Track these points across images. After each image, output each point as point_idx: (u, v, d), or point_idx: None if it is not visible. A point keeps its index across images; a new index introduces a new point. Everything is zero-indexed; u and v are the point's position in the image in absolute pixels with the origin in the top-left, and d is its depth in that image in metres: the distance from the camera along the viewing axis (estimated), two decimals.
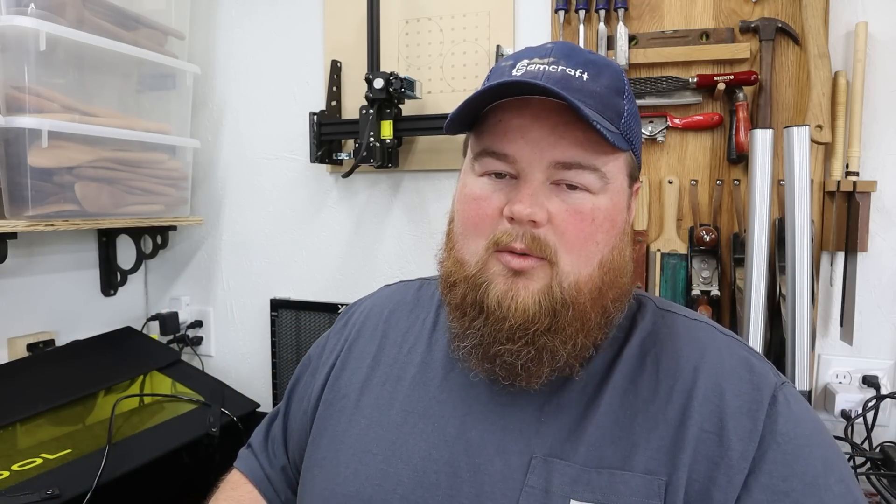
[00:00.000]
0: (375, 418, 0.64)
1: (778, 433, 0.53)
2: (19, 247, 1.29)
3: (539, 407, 0.59)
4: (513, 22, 1.28)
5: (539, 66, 0.57)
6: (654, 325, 0.62)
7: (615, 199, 0.58)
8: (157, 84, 1.39)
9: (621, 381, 0.58)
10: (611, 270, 0.58)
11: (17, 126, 1.07)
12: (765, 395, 0.55)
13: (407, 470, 0.59)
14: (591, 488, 0.53)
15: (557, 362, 0.56)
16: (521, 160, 0.56)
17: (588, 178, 0.56)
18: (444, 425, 0.61)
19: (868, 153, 1.10)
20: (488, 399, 0.60)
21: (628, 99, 0.59)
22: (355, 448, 0.63)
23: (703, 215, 1.18)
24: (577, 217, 0.56)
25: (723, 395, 0.55)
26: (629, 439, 0.55)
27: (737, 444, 0.53)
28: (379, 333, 0.72)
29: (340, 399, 0.68)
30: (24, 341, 1.30)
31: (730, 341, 0.60)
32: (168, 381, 1.33)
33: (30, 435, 1.07)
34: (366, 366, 0.69)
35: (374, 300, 0.78)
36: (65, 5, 1.14)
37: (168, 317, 1.55)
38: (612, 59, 0.63)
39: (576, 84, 0.56)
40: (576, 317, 0.56)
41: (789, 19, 1.11)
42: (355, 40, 1.38)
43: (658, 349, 0.60)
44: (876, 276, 1.11)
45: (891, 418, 1.11)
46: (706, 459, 0.53)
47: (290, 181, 1.50)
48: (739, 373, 0.57)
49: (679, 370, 0.57)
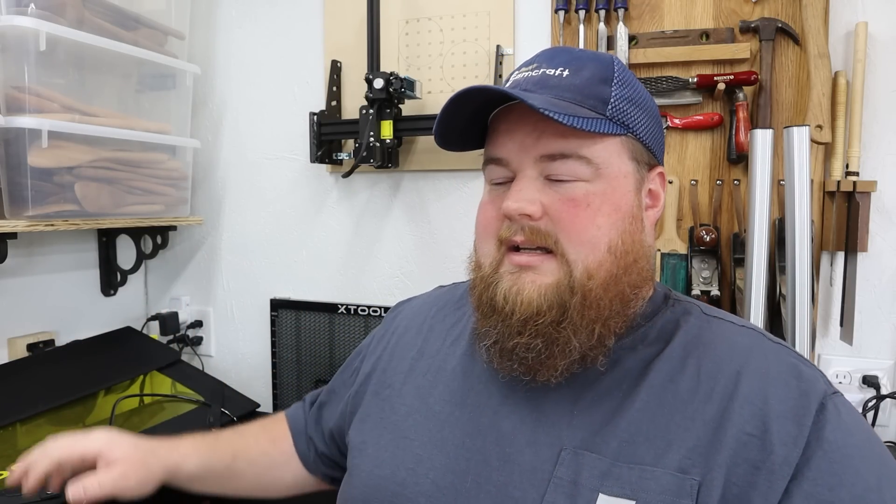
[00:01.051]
0: (415, 406, 0.67)
1: (825, 440, 0.51)
2: (19, 247, 1.29)
3: (573, 400, 0.59)
4: (513, 22, 1.28)
5: (524, 74, 0.61)
6: (699, 329, 0.61)
7: (614, 183, 0.58)
8: (157, 84, 1.39)
9: (660, 380, 0.57)
10: (624, 255, 0.57)
11: (17, 126, 1.07)
12: (812, 401, 0.53)
13: (440, 456, 0.62)
14: (621, 483, 0.53)
15: (572, 353, 0.57)
16: (512, 161, 0.59)
17: (575, 167, 0.57)
18: (479, 415, 0.62)
19: (868, 153, 1.10)
20: (523, 391, 0.61)
21: (619, 85, 0.59)
22: (395, 433, 0.66)
23: (703, 215, 1.18)
24: (570, 204, 0.57)
25: (767, 399, 0.54)
26: (664, 437, 0.54)
27: (780, 448, 0.51)
28: (426, 328, 0.75)
29: (385, 388, 0.72)
30: (24, 341, 1.30)
31: (778, 348, 0.59)
32: (168, 381, 1.33)
33: (30, 435, 1.07)
34: (410, 357, 0.72)
35: (425, 298, 0.83)
36: (65, 5, 1.14)
37: (168, 317, 1.55)
38: (607, 54, 0.63)
39: (552, 82, 0.58)
40: (588, 305, 0.56)
41: (789, 19, 1.11)
42: (355, 40, 1.38)
43: (701, 352, 0.59)
44: (876, 276, 1.11)
45: (891, 418, 1.11)
46: (746, 463, 0.51)
47: (290, 181, 1.50)
48: (786, 378, 0.55)
49: (721, 373, 0.56)
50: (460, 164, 1.31)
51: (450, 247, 1.36)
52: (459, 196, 1.35)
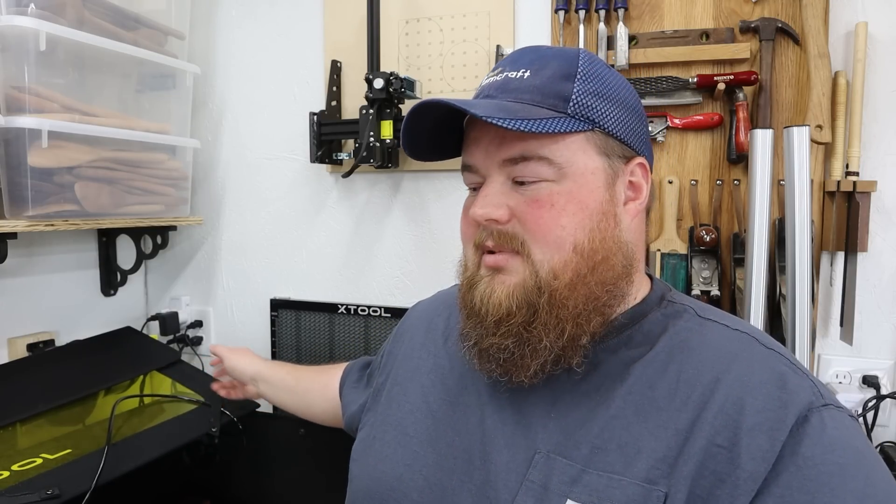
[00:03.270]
0: (418, 404, 0.69)
1: (800, 455, 0.48)
2: (19, 247, 1.29)
3: (552, 402, 0.59)
4: (513, 22, 1.28)
5: (491, 79, 0.62)
6: (688, 332, 0.59)
7: (580, 180, 0.57)
8: (157, 84, 1.39)
9: (640, 385, 0.56)
10: (591, 254, 0.56)
11: (17, 126, 1.07)
12: (790, 413, 0.50)
13: (433, 454, 0.64)
14: (588, 490, 0.53)
15: (543, 353, 0.57)
16: (481, 167, 0.61)
17: (537, 168, 0.57)
18: (469, 414, 0.64)
19: (868, 153, 1.10)
20: (507, 392, 0.62)
21: (583, 80, 0.58)
22: (398, 430, 0.69)
23: (703, 215, 1.18)
24: (534, 205, 0.57)
25: (742, 409, 0.51)
26: (635, 445, 0.53)
27: (748, 463, 0.49)
28: (431, 328, 0.77)
29: (395, 386, 0.74)
30: (24, 341, 1.30)
31: (769, 354, 0.55)
32: (168, 381, 1.33)
33: (30, 435, 1.07)
34: (416, 356, 0.75)
35: (432, 299, 0.85)
36: (65, 5, 1.14)
37: (168, 317, 1.55)
38: (574, 49, 0.61)
39: (513, 85, 0.59)
40: (554, 305, 0.56)
41: (789, 19, 1.11)
42: (355, 40, 1.38)
43: (685, 357, 0.57)
44: (876, 276, 1.11)
45: (891, 418, 1.11)
46: (713, 475, 0.50)
47: (290, 181, 1.50)
48: (767, 388, 0.52)
49: (699, 380, 0.54)
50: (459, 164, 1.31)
51: (450, 247, 1.36)
52: (459, 196, 1.34)
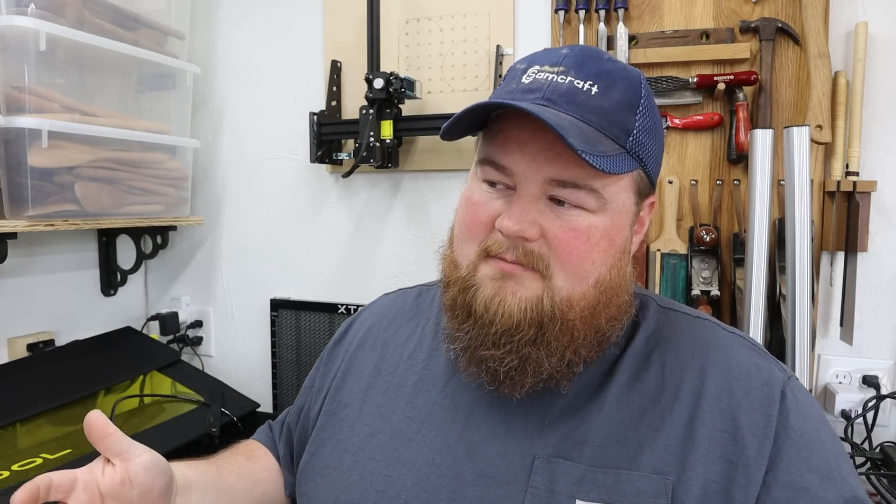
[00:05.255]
0: (378, 426, 0.64)
1: (790, 428, 0.54)
2: (19, 247, 1.29)
3: (543, 409, 0.59)
4: (513, 22, 1.28)
5: (548, 75, 0.55)
6: (657, 323, 0.62)
7: (615, 218, 0.56)
8: (157, 84, 1.39)
9: (626, 379, 0.58)
10: (608, 290, 0.56)
11: (17, 126, 1.07)
12: (775, 390, 0.55)
13: (410, 476, 0.59)
14: (597, 488, 0.53)
15: (541, 374, 0.56)
16: (518, 173, 0.55)
17: (584, 198, 0.54)
18: (446, 430, 0.61)
19: (868, 153, 1.10)
20: (491, 403, 0.60)
21: (643, 114, 0.56)
22: (359, 456, 0.63)
23: (703, 215, 1.18)
24: (571, 234, 0.54)
25: (732, 393, 0.55)
26: (635, 438, 0.55)
27: (752, 441, 0.53)
28: (380, 343, 0.72)
29: (342, 409, 0.69)
30: (24, 341, 1.30)
31: (733, 338, 0.61)
32: (168, 381, 1.33)
33: (30, 435, 1.07)
34: (366, 375, 0.70)
35: (372, 310, 0.78)
36: (65, 5, 1.14)
37: (168, 317, 1.54)
38: (635, 70, 0.59)
39: (580, 98, 0.54)
40: (563, 332, 0.55)
41: (789, 19, 1.11)
42: (355, 40, 1.38)
43: (663, 347, 0.60)
44: (876, 276, 1.11)
45: (891, 418, 1.11)
46: (722, 459, 0.53)
47: (290, 181, 1.50)
48: (747, 369, 0.57)
49: (685, 369, 0.58)
50: (460, 164, 1.31)
51: None
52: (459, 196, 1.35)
